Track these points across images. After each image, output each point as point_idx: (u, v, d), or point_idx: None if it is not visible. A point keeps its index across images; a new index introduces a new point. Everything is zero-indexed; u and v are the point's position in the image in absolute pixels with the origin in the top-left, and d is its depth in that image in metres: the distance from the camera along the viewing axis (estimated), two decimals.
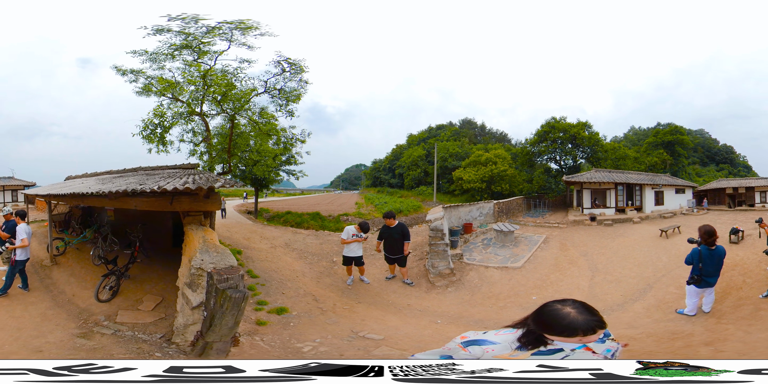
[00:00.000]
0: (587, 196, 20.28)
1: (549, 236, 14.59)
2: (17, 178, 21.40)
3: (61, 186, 10.25)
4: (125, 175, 9.73)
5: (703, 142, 40.47)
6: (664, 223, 16.60)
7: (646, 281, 9.16)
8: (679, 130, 28.41)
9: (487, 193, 23.37)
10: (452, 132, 34.02)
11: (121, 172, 10.73)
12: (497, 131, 38.39)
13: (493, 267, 9.81)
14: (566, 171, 24.86)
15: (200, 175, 6.87)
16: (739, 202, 22.84)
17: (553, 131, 24.89)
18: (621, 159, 24.64)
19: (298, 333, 6.05)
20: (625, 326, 6.41)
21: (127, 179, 7.94)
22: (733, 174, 35.57)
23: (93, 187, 7.21)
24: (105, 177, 10.27)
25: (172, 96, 15.55)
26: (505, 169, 23.28)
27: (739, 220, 15.08)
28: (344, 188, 51.97)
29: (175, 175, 7.08)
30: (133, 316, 6.71)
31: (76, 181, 10.84)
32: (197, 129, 16.81)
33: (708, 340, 5.41)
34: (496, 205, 17.62)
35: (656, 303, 7.77)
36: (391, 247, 8.64)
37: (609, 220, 17.67)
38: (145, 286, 8.15)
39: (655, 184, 20.38)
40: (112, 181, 8.43)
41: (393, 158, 34.78)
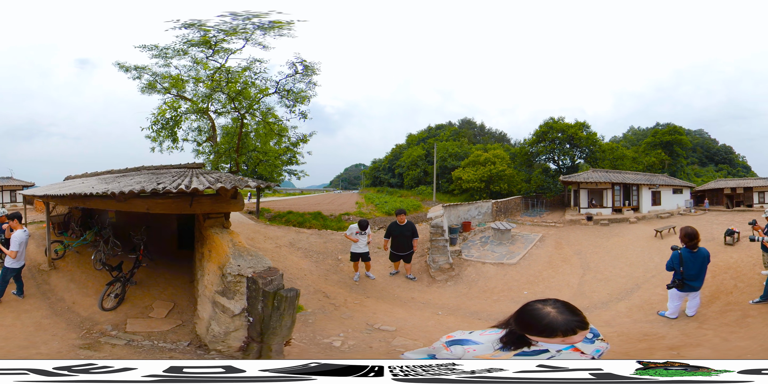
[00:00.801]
0: (584, 196, 20.17)
1: (545, 235, 14.64)
2: (16, 179, 20.81)
3: (60, 186, 9.67)
4: (128, 174, 9.38)
5: (702, 143, 39.92)
6: (661, 223, 16.44)
7: (635, 281, 9.08)
8: (677, 131, 27.98)
9: (486, 192, 23.34)
10: (452, 132, 33.92)
11: (123, 172, 10.39)
12: (497, 131, 38.32)
13: (490, 263, 10.14)
14: (564, 171, 24.82)
15: (211, 175, 6.68)
16: (737, 203, 22.31)
17: (551, 132, 24.85)
18: (619, 159, 24.47)
19: (319, 329, 6.09)
20: (602, 324, 6.46)
21: (133, 179, 7.43)
22: (732, 174, 34.95)
23: (97, 187, 6.53)
24: (106, 177, 9.78)
25: (177, 93, 15.46)
26: (503, 169, 23.24)
27: (736, 221, 14.91)
28: (344, 188, 51.89)
29: (183, 174, 6.83)
30: (146, 324, 6.24)
31: (76, 181, 10.25)
32: (203, 127, 16.73)
33: (676, 344, 5.20)
34: (494, 205, 17.80)
35: (640, 303, 7.63)
36: (400, 245, 8.86)
37: (605, 219, 17.59)
38: (153, 291, 7.69)
39: (652, 184, 20.18)
40: (116, 180, 7.89)
41: (392, 158, 34.68)
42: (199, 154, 16.92)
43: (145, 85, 15.16)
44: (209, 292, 5.26)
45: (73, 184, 9.35)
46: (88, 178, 10.66)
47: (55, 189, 8.61)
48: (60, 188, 8.48)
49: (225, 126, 17.58)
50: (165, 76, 15.00)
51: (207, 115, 16.17)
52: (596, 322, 6.45)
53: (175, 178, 6.04)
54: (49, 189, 9.17)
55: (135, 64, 15.05)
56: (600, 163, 24.01)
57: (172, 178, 5.94)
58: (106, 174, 10.72)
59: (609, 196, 19.93)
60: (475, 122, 38.45)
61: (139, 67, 15.04)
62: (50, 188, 9.47)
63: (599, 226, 16.87)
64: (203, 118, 16.40)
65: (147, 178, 6.67)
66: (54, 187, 9.36)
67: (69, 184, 9.49)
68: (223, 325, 4.83)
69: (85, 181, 9.53)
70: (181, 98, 15.59)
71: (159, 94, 15.31)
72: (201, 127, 16.71)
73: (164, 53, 14.77)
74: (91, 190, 5.99)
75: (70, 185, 9.00)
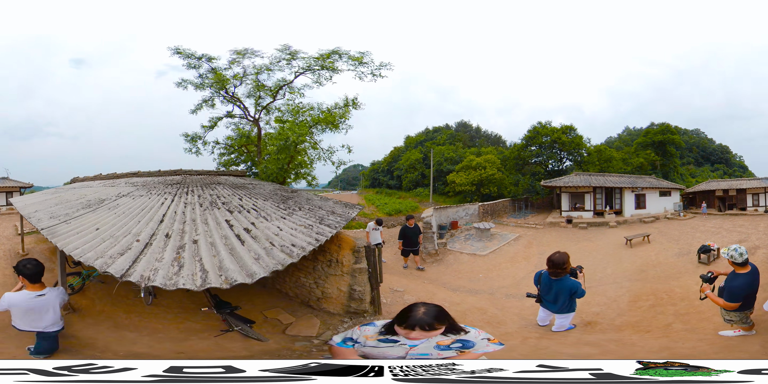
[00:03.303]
0: (566, 200, 19.44)
1: (522, 235, 14.94)
2: (12, 179, 17.96)
3: (62, 194, 7.03)
4: (169, 179, 7.69)
5: (698, 142, 36.97)
6: (640, 228, 15.36)
7: None
8: (669, 130, 25.71)
9: (477, 195, 23.26)
10: (448, 135, 33.77)
11: (154, 175, 8.48)
12: (492, 133, 38.04)
13: (466, 253, 12.36)
14: (554, 174, 24.65)
15: (265, 187, 7.23)
16: (730, 206, 19.74)
17: (537, 137, 24.59)
18: (607, 161, 23.74)
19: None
20: (502, 312, 7.08)
21: (214, 191, 6.66)
22: (728, 174, 31.89)
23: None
24: (136, 181, 7.71)
25: (224, 96, 15.05)
26: (493, 173, 23.21)
27: (725, 228, 13.99)
28: (342, 188, 51.59)
29: (253, 187, 7.48)
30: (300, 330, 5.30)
31: (93, 188, 7.48)
32: (235, 134, 16.45)
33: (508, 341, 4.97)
34: (481, 207, 18.49)
35: None
36: (410, 242, 10.47)
37: (585, 223, 16.86)
38: (258, 309, 6.08)
39: (635, 186, 19.12)
40: (150, 190, 6.54)
41: (391, 160, 34.50)
42: (221, 157, 16.59)
43: (200, 75, 14.49)
44: (347, 268, 6.25)
45: (84, 191, 7.14)
46: (103, 181, 8.50)
47: (51, 202, 6.32)
48: (74, 201, 6.22)
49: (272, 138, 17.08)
50: (219, 74, 14.38)
51: (255, 124, 15.84)
52: (509, 311, 6.75)
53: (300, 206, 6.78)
54: (45, 201, 6.53)
55: (204, 53, 14.28)
56: (588, 166, 23.51)
57: (290, 206, 6.63)
58: (125, 177, 8.63)
59: (590, 199, 19.17)
60: (471, 125, 38.15)
61: (199, 56, 14.27)
62: (56, 197, 6.75)
63: (577, 229, 16.27)
64: (236, 124, 16.27)
65: (236, 194, 6.79)
66: (63, 197, 6.66)
67: (81, 192, 7.00)
68: (361, 284, 6.16)
69: (110, 185, 7.62)
70: (229, 101, 15.20)
71: (201, 90, 14.80)
72: (244, 131, 16.44)
73: (238, 59, 14.54)
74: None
75: (84, 196, 6.60)
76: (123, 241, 4.21)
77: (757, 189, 19.34)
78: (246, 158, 16.69)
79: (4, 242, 9.88)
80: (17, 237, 9.73)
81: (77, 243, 4.25)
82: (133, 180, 8.08)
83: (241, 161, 16.82)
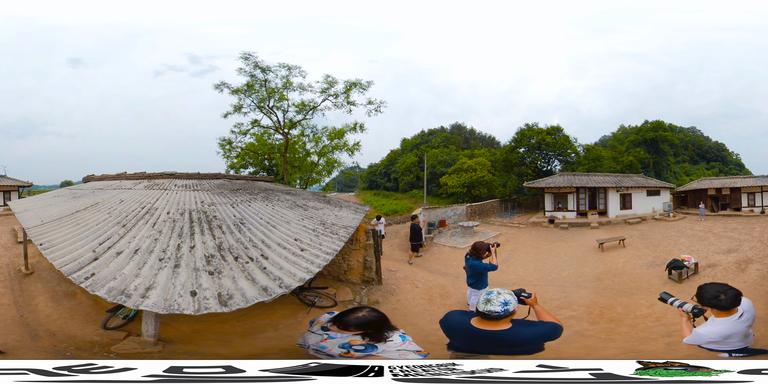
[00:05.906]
0: (549, 200, 18.84)
1: (503, 233, 15.15)
2: (10, 178, 16.83)
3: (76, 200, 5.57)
4: (226, 183, 7.23)
5: (693, 140, 34.61)
6: (623, 230, 14.25)
7: (518, 282, 8.63)
8: (662, 127, 23.88)
9: (468, 196, 23.15)
10: (443, 138, 33.64)
11: (194, 177, 7.18)
12: (486, 135, 37.82)
13: (448, 246, 13.41)
14: (542, 175, 24.41)
15: (289, 194, 7.78)
16: (723, 206, 17.65)
17: (524, 138, 24.24)
18: (595, 160, 22.66)
19: None
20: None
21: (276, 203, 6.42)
22: (724, 172, 29.68)
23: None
24: (179, 182, 6.54)
25: (259, 106, 15.42)
26: (483, 175, 23.13)
27: (715, 233, 12.40)
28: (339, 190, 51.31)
29: (296, 192, 8.55)
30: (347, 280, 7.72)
31: (119, 191, 6.02)
32: (255, 142, 16.81)
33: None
34: (469, 208, 18.75)
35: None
36: (416, 237, 11.71)
37: (566, 223, 16.16)
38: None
39: (619, 186, 17.81)
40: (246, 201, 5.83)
41: (388, 163, 34.42)
42: (228, 158, 16.75)
43: (248, 79, 14.86)
44: (362, 244, 7.87)
45: (105, 194, 5.85)
46: (126, 181, 6.97)
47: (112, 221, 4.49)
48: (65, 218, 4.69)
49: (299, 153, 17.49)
50: (271, 90, 14.93)
51: (284, 134, 16.19)
52: (460, 290, 7.49)
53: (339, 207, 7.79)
54: (46, 208, 5.20)
55: (268, 65, 14.85)
56: (577, 166, 22.81)
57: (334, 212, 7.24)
58: (153, 178, 7.03)
59: (573, 200, 18.33)
60: (465, 127, 37.85)
61: (263, 68, 14.80)
62: (48, 205, 5.31)
63: (558, 229, 15.71)
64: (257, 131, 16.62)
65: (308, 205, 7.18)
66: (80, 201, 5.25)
67: (102, 198, 5.63)
68: (370, 256, 7.83)
69: (127, 185, 6.52)
70: (261, 109, 15.49)
71: (235, 94, 15.09)
72: (266, 141, 16.81)
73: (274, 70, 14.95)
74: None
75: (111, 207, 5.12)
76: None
77: (752, 188, 16.95)
78: (256, 163, 17.09)
79: (1, 254, 7.30)
80: (17, 246, 7.36)
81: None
82: (178, 182, 6.76)
83: (250, 164, 17.02)
